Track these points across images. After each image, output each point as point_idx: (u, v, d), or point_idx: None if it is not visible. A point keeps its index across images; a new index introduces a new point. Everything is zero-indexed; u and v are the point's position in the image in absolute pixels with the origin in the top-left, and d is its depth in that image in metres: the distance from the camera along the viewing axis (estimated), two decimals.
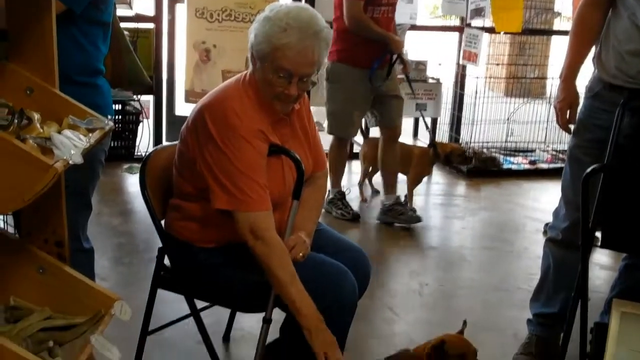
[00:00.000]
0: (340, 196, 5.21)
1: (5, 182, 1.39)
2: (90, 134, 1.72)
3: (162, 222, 2.69)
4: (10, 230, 2.71)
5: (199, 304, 2.73)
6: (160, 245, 2.69)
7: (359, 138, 5.70)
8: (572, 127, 3.08)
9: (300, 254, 2.44)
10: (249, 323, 3.32)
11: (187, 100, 6.18)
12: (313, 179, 2.66)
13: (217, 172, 2.36)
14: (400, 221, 5.01)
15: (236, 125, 2.36)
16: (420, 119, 6.14)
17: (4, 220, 3.62)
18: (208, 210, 2.44)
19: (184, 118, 2.66)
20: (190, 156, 2.46)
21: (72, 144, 1.52)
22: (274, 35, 2.35)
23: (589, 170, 2.43)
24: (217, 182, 2.37)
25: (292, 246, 2.44)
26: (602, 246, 2.62)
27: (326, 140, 4.16)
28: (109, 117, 1.99)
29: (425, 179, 5.75)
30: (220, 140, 2.36)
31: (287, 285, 2.35)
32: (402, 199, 5.14)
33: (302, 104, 2.60)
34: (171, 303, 3.36)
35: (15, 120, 1.57)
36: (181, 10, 6.14)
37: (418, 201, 5.50)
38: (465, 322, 2.42)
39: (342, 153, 5.19)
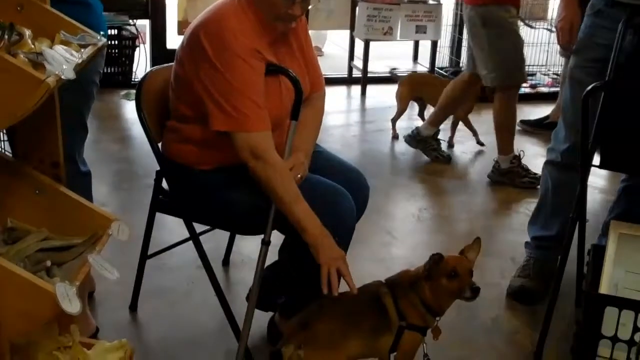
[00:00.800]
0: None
1: None
2: (82, 50, 1.68)
3: (160, 145, 2.67)
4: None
5: (198, 228, 2.73)
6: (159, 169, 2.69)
7: None
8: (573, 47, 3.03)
9: (299, 175, 2.42)
10: (249, 248, 3.34)
11: (180, 32, 6.07)
12: (311, 101, 2.62)
13: (214, 92, 2.33)
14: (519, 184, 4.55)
15: (232, 44, 2.31)
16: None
17: None
18: (206, 132, 2.41)
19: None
20: (187, 78, 2.42)
21: (64, 59, 1.49)
22: None
23: (589, 87, 2.40)
24: (215, 103, 2.33)
25: (291, 167, 2.42)
26: (600, 166, 2.61)
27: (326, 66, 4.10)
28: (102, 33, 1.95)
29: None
30: (217, 60, 2.31)
31: (291, 204, 2.33)
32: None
33: (299, 23, 2.55)
34: (170, 229, 3.39)
35: (6, 36, 1.54)
36: None
37: (415, 122, 5.47)
38: (477, 239, 2.41)
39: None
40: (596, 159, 2.64)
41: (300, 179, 2.42)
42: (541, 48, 6.63)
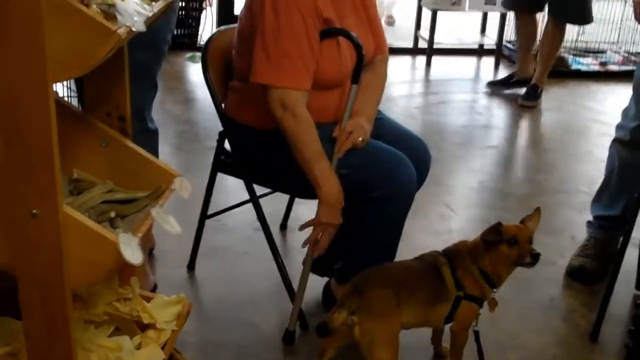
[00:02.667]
0: None
1: (69, 48, 1.37)
2: (153, 4, 1.69)
3: (223, 106, 2.68)
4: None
5: (258, 191, 2.75)
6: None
7: None
8: None
9: (360, 139, 2.40)
10: (307, 212, 3.32)
11: None
12: (373, 64, 2.58)
13: (263, 43, 2.29)
14: None
15: None
16: None
17: (68, 95, 3.67)
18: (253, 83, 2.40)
19: None
20: (247, 32, 2.40)
21: (135, 12, 1.50)
22: None
23: None
24: (259, 54, 2.31)
25: (350, 131, 2.40)
26: None
27: None
28: None
29: (490, 77, 5.65)
30: (272, 9, 2.27)
31: (311, 161, 2.33)
32: None
33: None
34: (230, 191, 3.42)
35: None
36: None
37: (481, 99, 5.42)
38: (538, 209, 2.38)
39: None
40: None
41: (362, 142, 2.40)
42: (613, 25, 6.45)
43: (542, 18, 5.50)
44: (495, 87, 5.62)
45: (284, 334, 2.55)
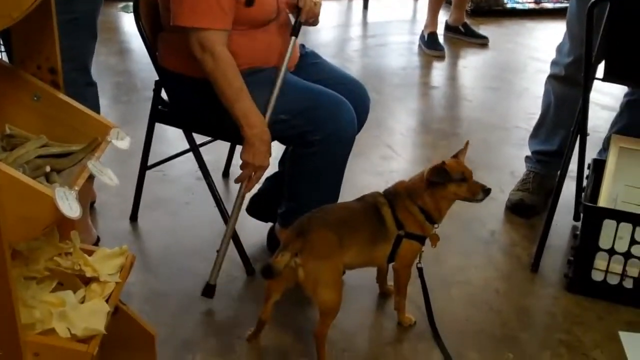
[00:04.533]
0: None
1: None
2: None
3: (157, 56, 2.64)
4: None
5: (198, 140, 2.73)
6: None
7: None
8: None
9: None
10: None
11: None
12: None
13: None
14: None
15: None
16: None
17: None
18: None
19: None
20: None
21: None
22: None
23: None
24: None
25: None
26: (604, 79, 2.58)
27: None
28: None
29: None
30: None
31: (233, 100, 2.33)
32: None
33: None
34: (170, 141, 3.39)
35: None
36: None
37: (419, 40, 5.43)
38: (467, 143, 2.41)
39: None
40: (600, 74, 2.61)
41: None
42: None
43: None
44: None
45: (204, 288, 2.53)
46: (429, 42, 5.27)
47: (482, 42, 5.42)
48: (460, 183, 2.27)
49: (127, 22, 5.56)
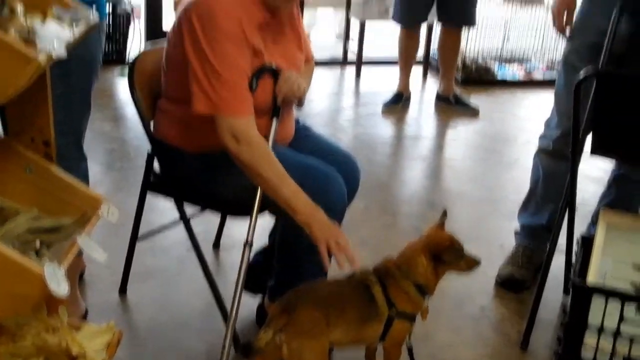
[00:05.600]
0: None
1: None
2: (75, 26, 1.67)
3: (152, 125, 2.66)
4: None
5: (190, 210, 2.73)
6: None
7: None
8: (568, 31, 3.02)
9: (297, 86, 2.46)
10: (239, 231, 3.30)
11: (176, 9, 6.01)
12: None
13: (199, 73, 2.29)
14: None
15: (223, 25, 2.28)
16: None
17: None
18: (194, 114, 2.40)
19: None
20: (176, 58, 2.40)
21: (55, 36, 1.48)
22: None
23: (582, 75, 2.39)
24: (198, 85, 2.30)
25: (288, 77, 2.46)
26: (592, 152, 2.61)
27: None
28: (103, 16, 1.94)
29: (419, 87, 5.74)
30: (205, 40, 2.28)
31: (278, 186, 2.30)
32: None
33: None
34: (162, 210, 3.39)
35: None
36: None
37: (411, 111, 5.49)
38: (445, 212, 2.43)
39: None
40: (588, 147, 2.64)
41: (299, 91, 2.48)
42: (537, 32, 6.59)
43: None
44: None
45: None
46: (391, 99, 5.44)
47: (472, 113, 5.48)
48: (458, 259, 2.29)
49: (124, 88, 5.60)
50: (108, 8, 5.81)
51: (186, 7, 2.36)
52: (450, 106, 5.53)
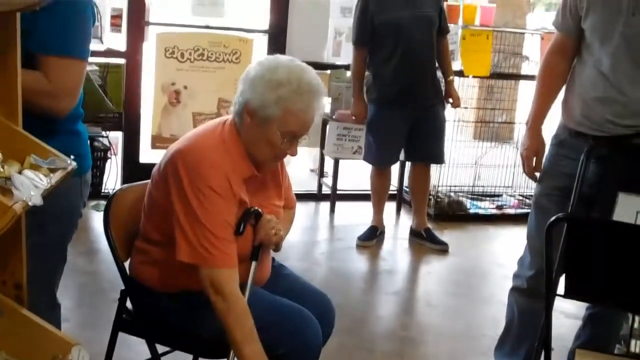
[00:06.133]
0: None
1: None
2: (52, 175, 1.69)
3: (127, 263, 2.65)
4: None
5: (162, 347, 2.69)
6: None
7: None
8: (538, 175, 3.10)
9: (274, 231, 2.49)
10: None
11: (154, 146, 6.11)
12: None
13: (184, 223, 2.32)
14: None
15: (210, 178, 2.31)
16: None
17: None
18: (173, 256, 2.40)
19: (150, 166, 2.62)
20: (159, 201, 2.42)
21: (32, 185, 1.50)
22: (289, 100, 2.34)
23: (552, 219, 2.44)
24: (182, 234, 2.33)
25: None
26: (565, 296, 2.63)
27: None
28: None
29: (392, 222, 5.78)
30: (191, 191, 2.31)
31: (242, 343, 2.31)
32: None
33: None
34: (134, 346, 3.31)
35: None
36: (149, 49, 6.05)
37: (385, 245, 5.52)
38: None
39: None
40: (562, 286, 2.66)
41: (276, 238, 2.50)
42: (507, 170, 6.73)
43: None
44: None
45: None
46: (365, 233, 5.47)
47: (441, 249, 5.48)
48: None
49: (98, 221, 5.57)
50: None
51: (173, 155, 2.39)
52: (422, 241, 5.54)
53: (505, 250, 5.54)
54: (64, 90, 2.17)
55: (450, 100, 5.44)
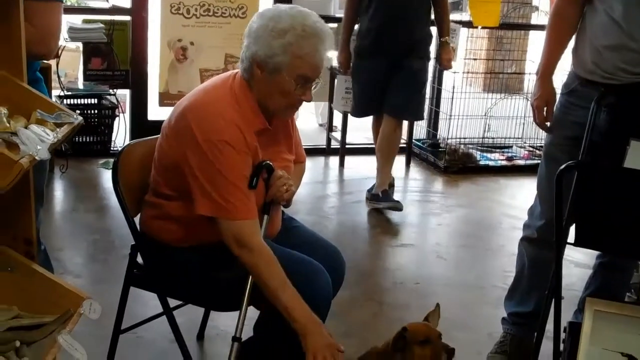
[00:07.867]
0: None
1: None
2: (57, 129, 1.69)
3: (137, 218, 2.66)
4: None
5: (173, 302, 2.71)
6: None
7: None
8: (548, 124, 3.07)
9: (285, 187, 2.49)
10: (224, 321, 3.30)
11: (162, 103, 6.12)
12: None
13: (201, 177, 2.32)
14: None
15: (224, 132, 2.31)
16: None
17: None
18: (186, 210, 2.40)
19: (158, 123, 2.61)
20: (171, 156, 2.41)
21: (38, 139, 1.50)
22: (296, 44, 2.33)
23: (562, 167, 2.42)
24: (200, 188, 2.33)
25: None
26: (575, 244, 2.62)
27: None
28: None
29: (402, 175, 5.75)
30: (205, 145, 2.30)
31: (277, 291, 2.32)
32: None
33: None
34: (146, 301, 3.35)
35: None
36: (154, 5, 6.01)
37: (395, 197, 5.51)
38: (438, 305, 2.43)
39: None
40: (572, 235, 2.65)
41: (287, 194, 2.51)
42: (517, 121, 6.70)
43: None
44: None
45: None
46: (385, 197, 5.26)
47: (393, 206, 5.20)
48: (424, 345, 2.28)
49: (107, 179, 5.59)
50: (93, 100, 5.90)
51: (184, 109, 2.38)
52: (379, 202, 5.26)
53: (515, 202, 5.54)
54: (49, 33, 2.23)
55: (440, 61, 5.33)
